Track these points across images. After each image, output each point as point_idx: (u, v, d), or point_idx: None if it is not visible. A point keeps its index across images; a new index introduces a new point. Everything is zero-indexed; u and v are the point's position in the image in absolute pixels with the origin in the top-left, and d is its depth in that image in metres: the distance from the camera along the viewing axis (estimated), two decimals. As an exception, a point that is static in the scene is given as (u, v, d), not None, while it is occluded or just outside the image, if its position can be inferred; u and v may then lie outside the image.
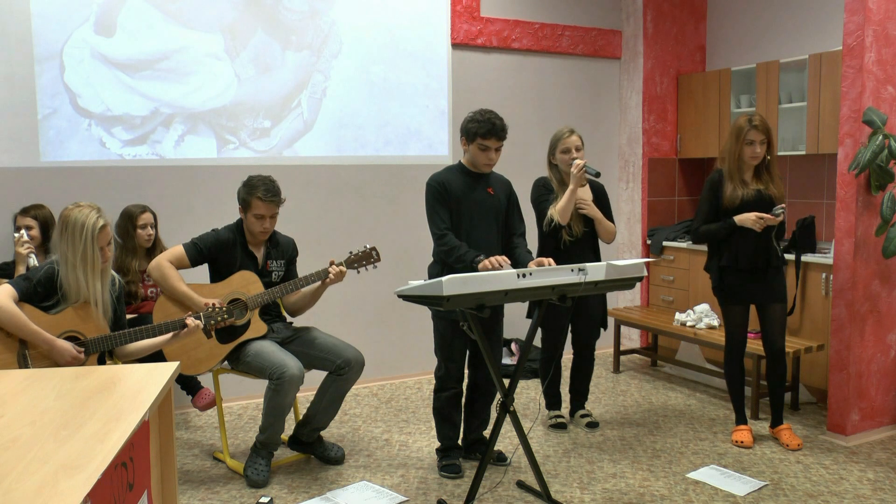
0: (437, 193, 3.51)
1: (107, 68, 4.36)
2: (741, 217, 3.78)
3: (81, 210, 3.01)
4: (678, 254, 5.59)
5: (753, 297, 3.92)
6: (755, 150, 3.78)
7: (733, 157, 3.84)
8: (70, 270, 2.99)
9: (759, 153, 3.79)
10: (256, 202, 3.55)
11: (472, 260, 3.33)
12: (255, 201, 3.55)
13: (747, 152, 3.79)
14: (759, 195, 3.83)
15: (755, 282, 3.87)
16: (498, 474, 3.62)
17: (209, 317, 3.33)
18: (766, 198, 3.83)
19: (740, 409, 4.06)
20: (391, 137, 5.17)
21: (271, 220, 3.62)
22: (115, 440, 1.71)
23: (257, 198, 3.54)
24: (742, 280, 3.88)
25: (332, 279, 3.63)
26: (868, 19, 3.84)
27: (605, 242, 4.16)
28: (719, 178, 3.90)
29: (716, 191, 3.89)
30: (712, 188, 3.90)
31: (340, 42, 4.97)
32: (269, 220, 3.60)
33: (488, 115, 3.48)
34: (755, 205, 3.81)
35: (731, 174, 3.85)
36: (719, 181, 3.89)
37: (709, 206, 3.91)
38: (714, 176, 3.93)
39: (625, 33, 5.96)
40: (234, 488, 3.48)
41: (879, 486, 3.49)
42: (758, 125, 3.77)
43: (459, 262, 3.37)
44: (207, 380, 4.23)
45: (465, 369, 3.69)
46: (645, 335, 5.98)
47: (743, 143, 3.78)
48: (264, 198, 3.54)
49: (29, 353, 2.94)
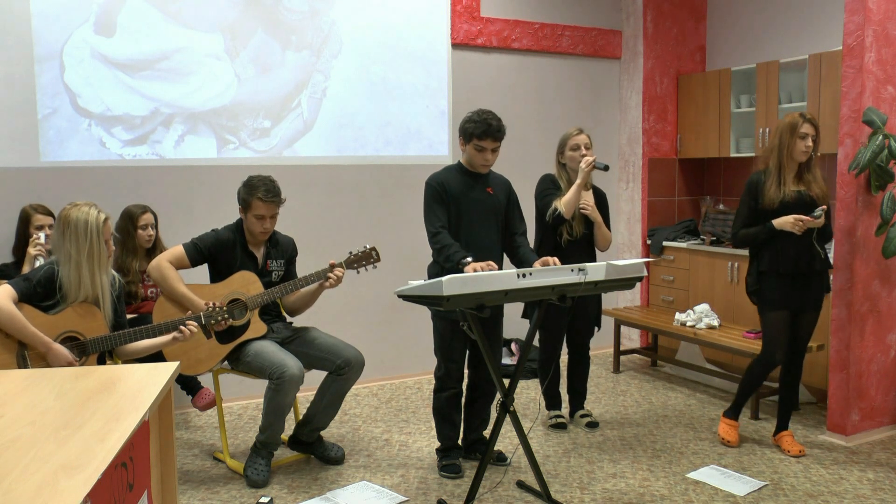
0: (436, 192, 3.51)
1: (107, 68, 4.36)
2: (780, 220, 3.67)
3: (80, 208, 3.02)
4: (678, 254, 5.59)
5: (793, 304, 3.78)
6: (808, 143, 3.69)
7: (784, 152, 3.71)
8: (74, 269, 2.99)
9: (810, 147, 3.70)
10: (257, 203, 3.54)
11: (459, 262, 3.31)
12: (255, 202, 3.55)
13: (800, 146, 3.68)
14: (800, 196, 3.72)
15: (796, 287, 3.76)
16: (498, 474, 3.62)
17: (209, 317, 3.33)
18: (806, 199, 3.72)
19: (739, 405, 4.00)
20: (391, 137, 5.17)
21: (271, 221, 3.61)
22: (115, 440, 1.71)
23: (258, 198, 3.54)
24: (783, 285, 3.75)
25: (330, 284, 3.62)
26: (868, 19, 3.84)
27: (600, 249, 4.16)
28: (758, 179, 3.80)
29: (755, 193, 3.78)
30: (751, 190, 3.80)
31: (340, 42, 4.97)
32: (270, 221, 3.60)
33: (485, 116, 3.47)
34: (795, 206, 3.70)
35: (776, 172, 3.74)
36: (759, 183, 3.79)
37: (748, 210, 3.81)
38: (753, 178, 3.83)
39: (625, 33, 5.96)
40: (234, 488, 3.48)
41: (879, 486, 3.49)
42: (811, 119, 3.72)
43: (448, 262, 3.37)
44: (207, 380, 4.23)
45: (465, 369, 3.69)
46: (645, 335, 5.98)
47: (797, 136, 3.69)
48: (265, 198, 3.54)
49: (28, 353, 2.94)
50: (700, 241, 5.56)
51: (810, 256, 3.71)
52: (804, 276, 3.74)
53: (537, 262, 3.45)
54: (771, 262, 3.75)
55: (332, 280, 3.61)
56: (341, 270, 3.64)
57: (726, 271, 5.20)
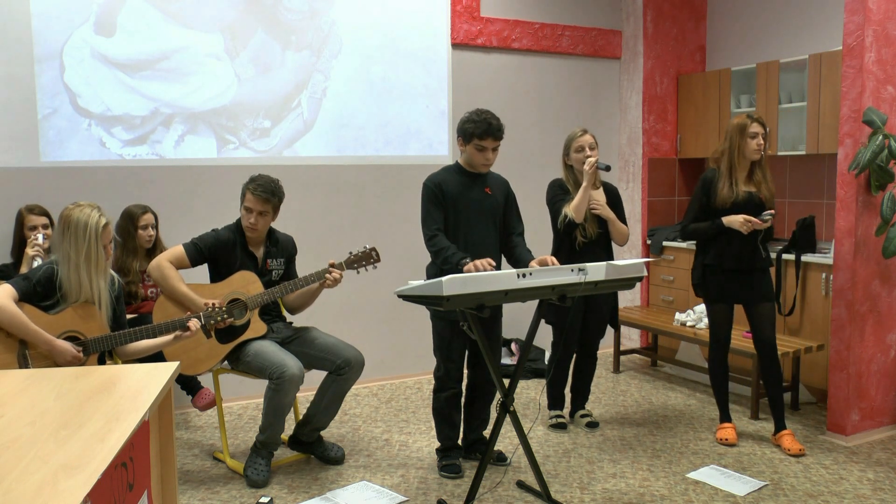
0: (432, 195, 3.51)
1: (107, 68, 4.36)
2: (729, 219, 3.81)
3: (83, 209, 3.01)
4: (678, 254, 5.59)
5: (737, 298, 3.94)
6: (759, 141, 3.81)
7: (735, 152, 3.84)
8: (72, 270, 2.99)
9: (762, 145, 3.82)
10: (248, 194, 3.58)
11: (458, 262, 3.32)
12: (247, 193, 3.59)
13: (752, 145, 3.81)
14: (750, 197, 3.85)
15: (739, 283, 3.89)
16: (498, 474, 3.62)
17: (209, 317, 3.33)
18: (756, 200, 3.85)
19: (724, 407, 4.08)
20: (391, 137, 5.17)
21: (259, 217, 3.59)
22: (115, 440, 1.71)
23: (249, 190, 3.58)
24: (725, 280, 3.90)
25: (328, 285, 3.62)
26: (868, 19, 3.84)
27: (618, 244, 4.17)
28: (712, 176, 3.92)
29: (707, 190, 3.91)
30: (704, 187, 3.93)
31: (340, 42, 4.97)
32: (257, 217, 3.58)
33: (484, 115, 3.48)
34: (745, 206, 3.83)
35: (728, 173, 3.86)
36: (712, 180, 3.91)
37: (699, 205, 3.94)
38: (707, 174, 3.96)
39: (625, 33, 5.96)
40: (234, 488, 3.48)
41: (879, 486, 3.49)
42: (759, 119, 3.85)
43: (446, 264, 3.37)
44: (207, 380, 4.23)
45: (465, 369, 3.69)
46: (645, 335, 5.98)
47: (747, 136, 3.81)
48: (255, 191, 3.55)
49: (29, 353, 2.94)
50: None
51: (752, 255, 3.86)
52: (746, 272, 3.88)
53: (534, 262, 3.45)
54: (715, 258, 3.91)
55: (329, 281, 3.61)
56: (339, 273, 3.64)
57: (726, 271, 5.19)
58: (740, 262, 3.86)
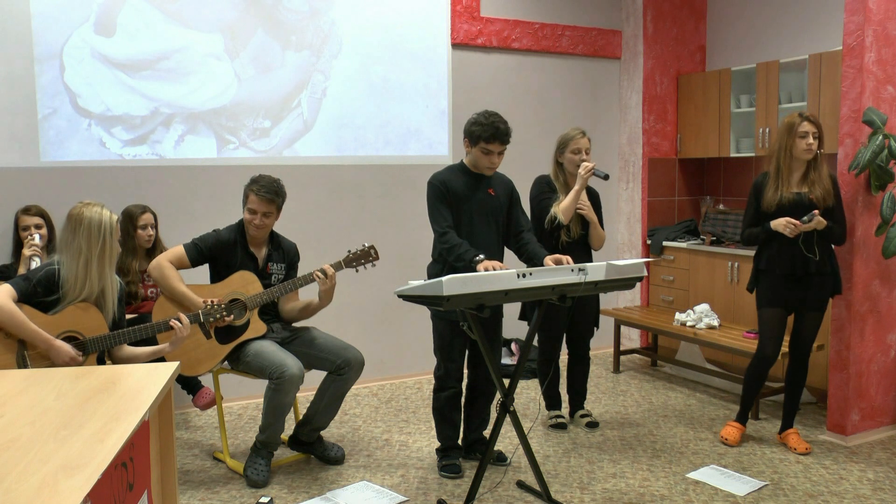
0: (439, 192, 3.51)
1: (107, 68, 4.36)
2: (775, 222, 3.71)
3: (93, 208, 3.05)
4: (678, 254, 5.59)
5: (788, 303, 3.83)
6: (808, 141, 3.67)
7: (783, 153, 3.73)
8: (83, 265, 3.00)
9: (812, 145, 3.69)
10: (251, 196, 3.58)
11: (472, 259, 3.33)
12: (250, 194, 3.58)
13: (801, 145, 3.68)
14: (798, 198, 3.72)
15: (792, 287, 3.79)
16: (498, 474, 3.62)
17: (207, 314, 3.33)
18: (805, 201, 3.72)
19: (745, 409, 4.04)
20: (391, 137, 5.17)
21: (264, 218, 3.60)
22: (115, 440, 1.71)
23: (252, 191, 3.57)
24: (777, 284, 3.79)
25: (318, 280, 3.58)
26: (868, 19, 3.84)
27: (594, 249, 4.16)
28: (762, 180, 3.83)
29: (758, 194, 3.83)
30: (755, 191, 3.84)
31: (340, 42, 4.97)
32: (262, 217, 3.59)
33: (492, 119, 3.47)
34: (792, 208, 3.71)
35: (775, 175, 3.76)
36: (762, 184, 3.82)
37: (753, 210, 3.86)
38: (758, 179, 3.87)
39: (625, 33, 5.96)
40: (234, 488, 3.48)
41: (879, 486, 3.49)
42: (810, 117, 3.72)
43: (459, 261, 3.38)
44: (207, 380, 4.23)
45: (465, 369, 3.69)
46: (645, 335, 5.98)
47: (796, 136, 3.69)
48: (258, 193, 3.55)
49: (28, 353, 2.94)
50: (700, 241, 5.56)
51: (804, 259, 3.73)
52: (800, 276, 3.78)
53: (549, 260, 3.45)
54: (768, 262, 3.82)
55: (317, 274, 3.59)
56: (330, 268, 3.62)
57: (726, 271, 5.20)
58: (793, 266, 3.74)
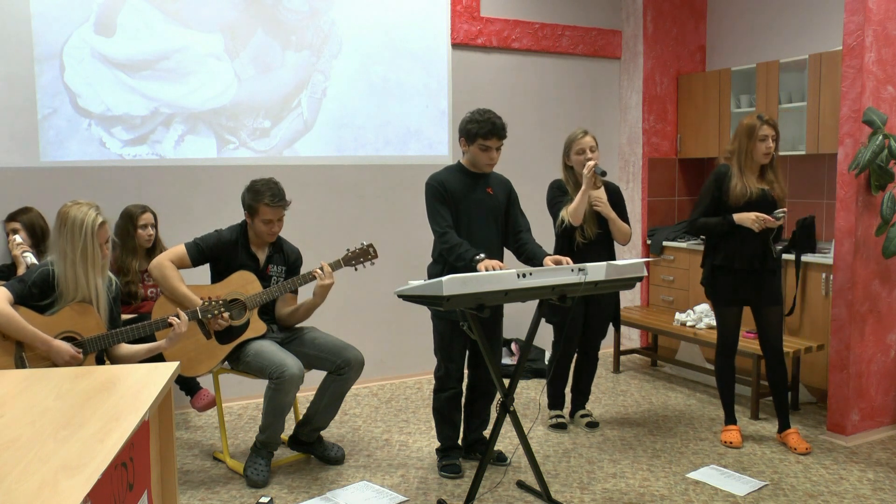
0: (437, 192, 3.51)
1: (107, 68, 4.36)
2: (741, 216, 3.73)
3: (80, 207, 3.00)
4: (678, 254, 5.59)
5: (747, 299, 3.89)
6: (768, 144, 3.73)
7: (744, 155, 3.77)
8: (69, 267, 2.98)
9: (771, 148, 3.74)
10: (264, 209, 3.55)
11: (472, 258, 3.33)
12: (262, 207, 3.55)
13: (761, 148, 3.73)
14: (764, 195, 3.78)
15: (749, 284, 3.84)
16: (498, 474, 3.62)
17: (206, 311, 3.33)
18: (769, 198, 3.78)
19: (730, 409, 4.07)
20: (391, 137, 5.17)
21: (279, 223, 3.63)
22: (115, 440, 1.71)
23: (265, 204, 3.54)
24: (735, 281, 3.85)
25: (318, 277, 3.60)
26: (868, 19, 3.84)
27: (620, 244, 4.15)
28: (726, 171, 3.83)
29: (720, 184, 3.82)
30: (717, 181, 3.84)
31: (340, 42, 4.97)
32: (278, 224, 3.62)
33: (488, 115, 3.48)
34: (758, 204, 3.76)
35: (738, 172, 3.79)
36: (726, 175, 3.82)
37: (710, 199, 3.86)
38: (721, 169, 3.86)
39: (625, 33, 5.96)
40: (234, 488, 3.48)
41: (879, 486, 3.49)
42: (769, 121, 3.76)
43: (460, 261, 3.38)
44: (207, 380, 4.23)
45: (465, 369, 3.69)
46: (645, 335, 5.98)
47: (757, 139, 3.73)
48: (272, 203, 3.54)
49: (26, 354, 2.93)
50: (700, 241, 5.55)
51: (764, 255, 3.79)
52: (757, 272, 3.82)
53: (549, 260, 3.45)
54: (726, 258, 3.84)
55: (317, 271, 3.59)
56: (328, 267, 3.62)
57: (726, 271, 5.19)
58: (751, 263, 3.79)
